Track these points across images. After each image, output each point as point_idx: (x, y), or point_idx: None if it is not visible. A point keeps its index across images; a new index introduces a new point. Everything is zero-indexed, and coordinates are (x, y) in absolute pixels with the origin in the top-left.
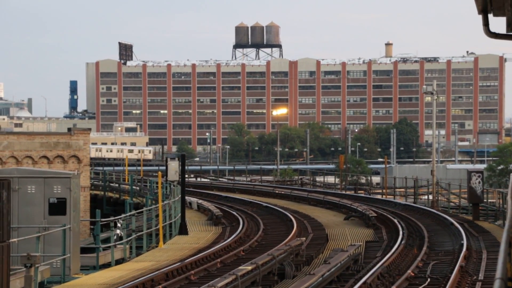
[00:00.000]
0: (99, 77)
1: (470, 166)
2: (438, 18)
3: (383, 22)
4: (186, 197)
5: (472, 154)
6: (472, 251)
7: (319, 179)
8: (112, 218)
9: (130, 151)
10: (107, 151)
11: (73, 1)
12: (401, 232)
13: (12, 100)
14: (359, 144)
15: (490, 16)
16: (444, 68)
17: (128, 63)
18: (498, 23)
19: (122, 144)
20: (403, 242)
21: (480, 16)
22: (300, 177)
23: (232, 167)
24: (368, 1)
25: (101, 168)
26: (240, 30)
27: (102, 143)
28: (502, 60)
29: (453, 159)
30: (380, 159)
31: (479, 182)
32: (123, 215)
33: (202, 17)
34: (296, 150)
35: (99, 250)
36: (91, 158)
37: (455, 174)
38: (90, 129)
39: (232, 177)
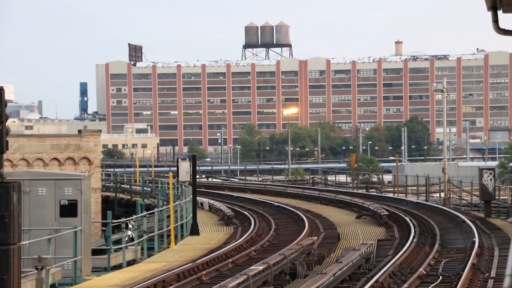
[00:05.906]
0: (109, 79)
1: (481, 164)
2: (448, 16)
3: (393, 20)
4: (198, 198)
5: (483, 152)
6: (484, 249)
7: (330, 178)
8: (123, 220)
9: None
10: None
11: (82, 2)
12: (413, 230)
13: (22, 102)
14: (370, 142)
15: (500, 12)
16: (454, 65)
17: (138, 64)
18: (508, 20)
19: (133, 145)
20: (415, 240)
21: (490, 13)
22: (311, 176)
23: (243, 167)
24: None
25: (112, 169)
26: (249, 30)
27: (114, 145)
28: None
29: (465, 156)
30: (391, 158)
31: (491, 179)
32: (134, 216)
33: (212, 17)
34: (307, 149)
35: (110, 252)
36: None
37: (467, 172)
38: (100, 131)
39: (243, 177)
